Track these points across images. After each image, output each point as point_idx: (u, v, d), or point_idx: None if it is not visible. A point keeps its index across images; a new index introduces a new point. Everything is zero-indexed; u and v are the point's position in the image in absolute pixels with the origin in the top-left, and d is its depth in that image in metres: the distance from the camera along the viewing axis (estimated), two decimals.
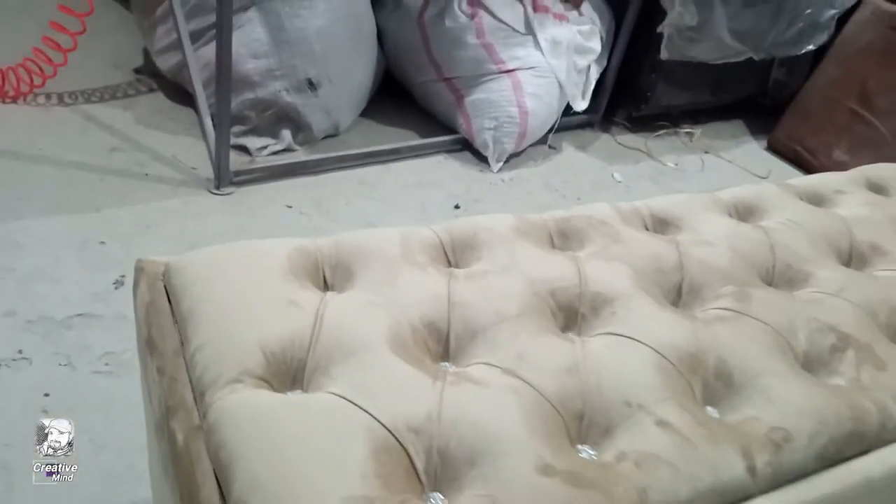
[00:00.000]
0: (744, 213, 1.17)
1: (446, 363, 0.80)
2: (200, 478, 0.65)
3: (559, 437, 0.72)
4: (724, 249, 1.02)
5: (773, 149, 2.88)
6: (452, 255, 0.95)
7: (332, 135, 2.32)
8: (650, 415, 0.75)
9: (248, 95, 2.10)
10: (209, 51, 1.99)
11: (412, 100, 2.57)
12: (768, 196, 1.19)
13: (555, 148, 2.57)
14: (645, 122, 2.81)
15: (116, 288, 1.60)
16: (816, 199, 1.24)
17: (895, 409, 0.84)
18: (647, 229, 1.09)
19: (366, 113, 2.48)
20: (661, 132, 2.81)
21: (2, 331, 1.44)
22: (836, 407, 0.81)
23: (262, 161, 2.12)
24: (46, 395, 1.33)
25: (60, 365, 1.40)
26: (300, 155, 2.19)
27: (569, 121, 2.64)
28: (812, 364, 0.90)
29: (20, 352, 1.41)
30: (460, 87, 2.33)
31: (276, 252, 0.85)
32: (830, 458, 0.79)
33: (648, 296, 0.91)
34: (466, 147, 2.42)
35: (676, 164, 2.64)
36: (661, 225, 1.10)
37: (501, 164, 2.35)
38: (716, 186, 1.35)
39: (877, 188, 1.32)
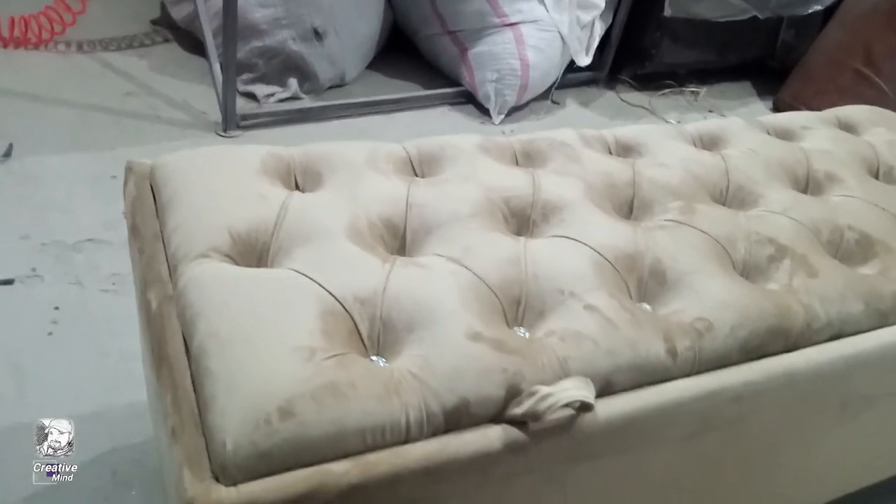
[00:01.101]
0: (708, 143, 1.23)
1: (402, 256, 0.87)
2: (169, 334, 0.74)
3: (494, 315, 0.79)
4: (679, 171, 1.08)
5: (778, 109, 2.89)
6: (419, 168, 1.02)
7: (338, 85, 2.39)
8: (580, 301, 0.82)
9: (256, 43, 2.17)
10: (220, 0, 2.06)
11: (419, 54, 2.63)
12: (734, 129, 1.25)
13: (558, 103, 2.62)
14: (650, 81, 2.84)
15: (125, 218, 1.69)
16: (783, 134, 1.29)
17: (822, 312, 0.90)
18: (610, 154, 1.15)
19: (372, 65, 2.54)
20: (666, 91, 2.84)
21: (17, 251, 1.55)
22: (762, 304, 0.87)
23: (269, 107, 2.20)
24: (56, 308, 1.44)
25: (70, 283, 1.51)
26: (306, 103, 2.26)
27: (573, 77, 2.68)
28: (749, 271, 0.96)
29: (34, 269, 1.51)
30: (464, 41, 2.39)
31: (251, 155, 0.93)
32: (754, 351, 0.86)
33: (597, 207, 0.97)
34: (470, 100, 2.48)
35: (679, 122, 2.67)
36: (624, 150, 1.16)
37: (503, 116, 2.40)
38: None
39: (847, 127, 1.36)
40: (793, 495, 1.14)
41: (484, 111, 2.43)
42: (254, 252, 0.81)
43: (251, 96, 2.23)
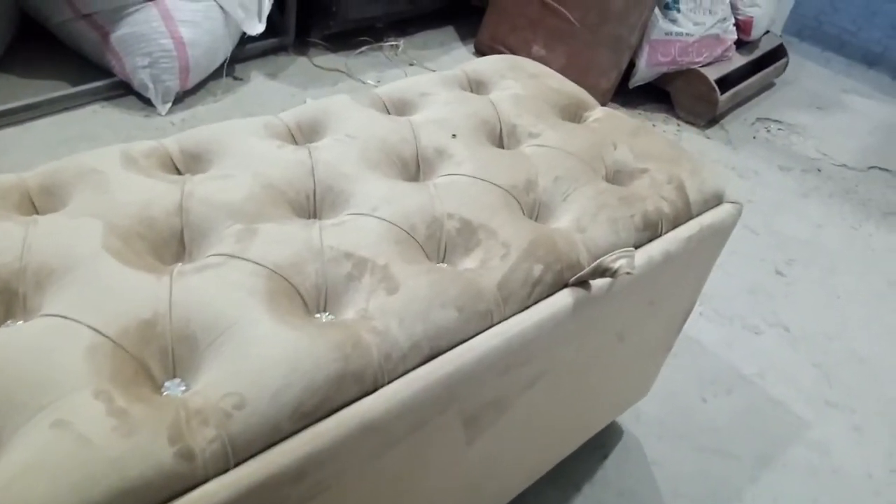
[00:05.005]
0: (308, 132, 1.04)
1: None
2: None
3: None
4: (246, 181, 0.88)
5: (479, 52, 2.82)
6: None
7: None
8: (49, 415, 0.60)
9: None
10: None
11: (60, 44, 2.21)
12: (337, 110, 1.07)
13: (241, 79, 2.35)
14: (345, 40, 2.64)
15: None
16: (398, 107, 1.13)
17: (402, 336, 0.75)
18: (177, 170, 0.93)
19: (1, 66, 2.10)
20: (364, 48, 2.66)
21: None
22: (316, 350, 0.70)
23: None
24: None
25: None
26: None
27: (256, 46, 2.42)
28: (324, 302, 0.79)
29: None
30: (103, 23, 2.02)
31: None
32: (314, 412, 0.69)
33: (117, 257, 0.75)
34: (130, 91, 2.13)
35: (378, 82, 2.50)
36: (192, 161, 0.94)
37: (169, 104, 2.09)
38: None
39: (476, 84, 1.24)
40: None
41: (147, 101, 2.10)
42: None
43: None
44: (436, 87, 1.18)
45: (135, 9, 1.99)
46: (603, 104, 1.73)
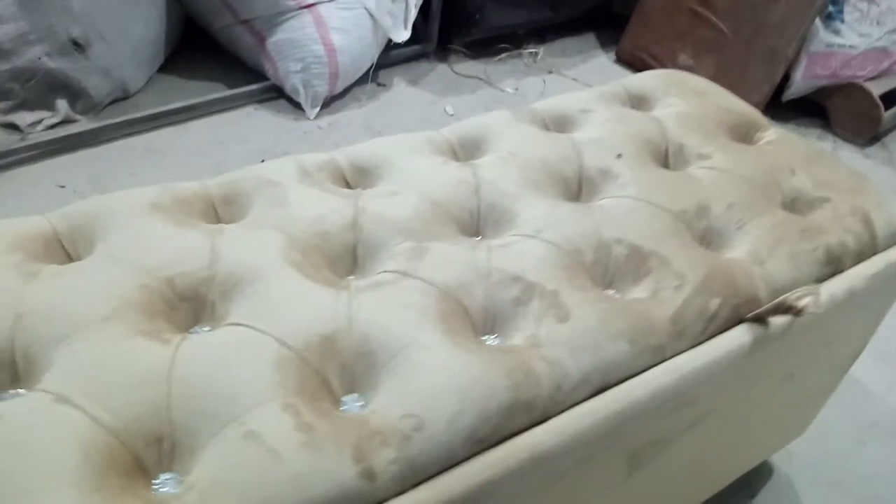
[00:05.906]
0: (469, 149, 1.03)
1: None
2: None
3: (116, 477, 0.58)
4: (414, 199, 0.88)
5: (622, 61, 2.75)
6: (72, 247, 0.79)
7: (123, 98, 2.10)
8: (241, 426, 0.62)
9: (4, 66, 1.84)
10: None
11: (221, 49, 2.34)
12: (497, 127, 1.05)
13: (384, 85, 2.39)
14: (485, 47, 2.64)
15: None
16: (558, 123, 1.11)
17: (573, 367, 0.73)
18: (347, 184, 0.95)
19: (165, 68, 2.25)
20: (503, 55, 2.65)
21: None
22: (489, 378, 0.69)
23: (35, 137, 1.89)
24: None
25: None
26: (81, 125, 1.96)
27: (399, 53, 2.46)
28: (491, 324, 0.78)
29: None
30: (260, 29, 2.12)
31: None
32: (486, 439, 0.68)
33: (297, 269, 0.77)
34: (281, 94, 2.22)
35: (516, 89, 2.49)
36: (361, 176, 0.96)
37: (318, 109, 2.17)
38: None
39: (637, 100, 1.19)
40: None
41: (297, 105, 2.18)
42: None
43: (14, 127, 1.92)
44: (595, 103, 1.15)
45: (290, 15, 2.07)
46: None
